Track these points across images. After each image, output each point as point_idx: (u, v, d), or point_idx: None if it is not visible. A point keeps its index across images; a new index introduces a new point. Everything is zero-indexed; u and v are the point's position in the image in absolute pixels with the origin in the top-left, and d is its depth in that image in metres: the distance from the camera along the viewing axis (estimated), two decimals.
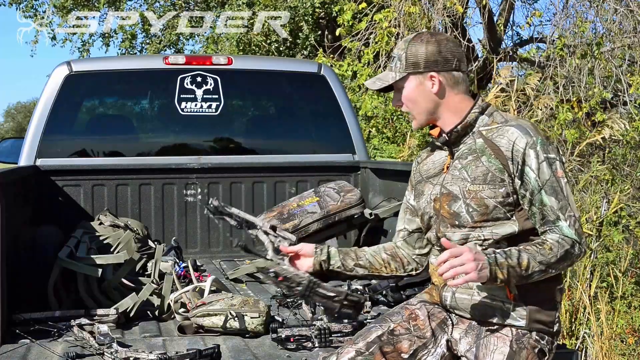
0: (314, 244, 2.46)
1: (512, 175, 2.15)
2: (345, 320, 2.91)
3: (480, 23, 8.65)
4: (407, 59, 2.23)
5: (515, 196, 2.16)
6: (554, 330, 2.21)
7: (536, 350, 2.16)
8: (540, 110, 7.22)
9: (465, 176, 2.20)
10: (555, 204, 2.13)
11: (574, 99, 7.53)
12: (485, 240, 2.17)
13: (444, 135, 2.26)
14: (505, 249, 2.10)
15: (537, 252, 2.08)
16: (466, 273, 2.01)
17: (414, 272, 2.47)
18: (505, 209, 2.16)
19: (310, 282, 2.43)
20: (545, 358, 2.19)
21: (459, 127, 2.23)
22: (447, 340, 2.27)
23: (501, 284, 2.09)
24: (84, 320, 2.86)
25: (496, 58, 8.40)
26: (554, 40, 8.01)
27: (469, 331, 2.24)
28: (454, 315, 2.29)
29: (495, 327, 2.19)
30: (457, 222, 2.21)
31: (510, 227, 2.17)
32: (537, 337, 2.17)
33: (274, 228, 2.50)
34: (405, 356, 2.25)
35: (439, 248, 2.29)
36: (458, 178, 2.22)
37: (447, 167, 2.27)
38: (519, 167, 2.14)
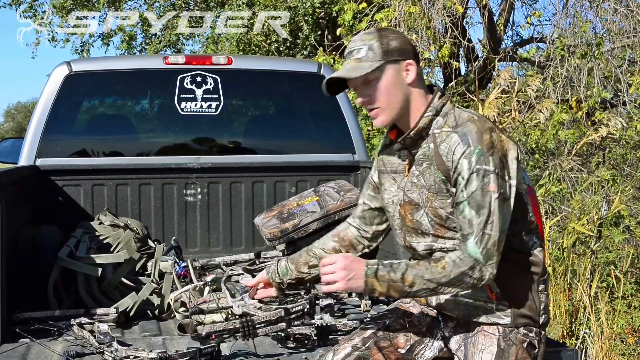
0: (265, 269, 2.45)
1: (452, 185, 2.08)
2: (345, 319, 2.91)
3: (480, 23, 8.65)
4: (381, 46, 2.10)
5: None
6: (541, 322, 2.19)
7: (525, 344, 2.15)
8: (542, 113, 7.22)
9: (423, 183, 2.13)
10: (473, 218, 2.02)
11: (574, 98, 7.53)
12: (448, 251, 2.12)
13: (398, 142, 2.17)
14: (394, 262, 2.05)
15: (426, 269, 2.02)
16: (334, 281, 2.01)
17: (366, 250, 2.42)
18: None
19: (242, 324, 2.52)
20: (536, 350, 2.17)
21: (412, 133, 2.13)
22: (443, 336, 2.28)
23: (381, 296, 2.08)
24: (84, 319, 2.86)
25: (496, 58, 8.41)
26: (554, 41, 8.01)
27: (457, 330, 2.25)
28: (442, 315, 2.29)
29: (482, 325, 2.18)
30: (420, 231, 2.16)
31: None
32: (524, 332, 2.16)
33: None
34: (403, 351, 2.26)
35: (409, 252, 2.28)
36: (416, 185, 2.15)
37: (409, 170, 2.19)
38: (454, 176, 2.05)
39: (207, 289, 3.15)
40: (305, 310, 2.60)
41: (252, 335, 2.56)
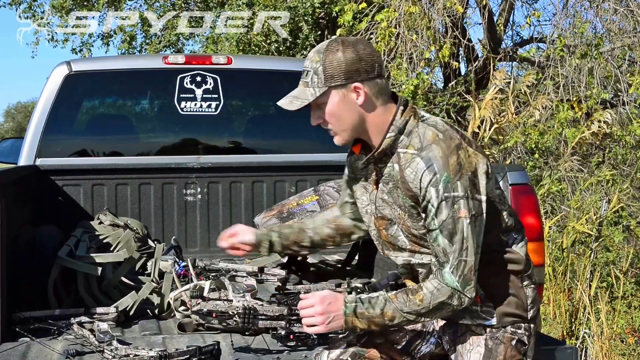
0: (253, 231, 2.38)
1: (422, 210, 2.06)
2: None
3: (480, 23, 8.65)
4: (325, 71, 2.03)
5: None
6: (529, 317, 2.18)
7: (514, 342, 2.14)
8: (538, 111, 7.22)
9: (392, 201, 2.11)
10: (447, 247, 2.00)
11: (574, 98, 7.53)
12: (426, 266, 2.12)
13: (363, 158, 2.14)
14: (373, 297, 2.04)
15: (405, 302, 2.02)
16: (315, 325, 2.02)
17: (360, 239, 2.43)
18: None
19: (245, 309, 2.52)
20: (526, 347, 2.17)
21: (375, 154, 2.10)
22: (438, 334, 2.29)
23: (362, 331, 2.09)
24: (84, 318, 2.86)
25: (496, 58, 8.41)
26: (553, 41, 8.01)
27: (446, 330, 2.25)
28: None
29: (469, 326, 2.18)
30: (396, 246, 2.16)
31: None
32: (512, 330, 2.15)
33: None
34: (399, 347, 2.26)
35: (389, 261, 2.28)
36: (387, 202, 2.13)
37: (376, 184, 2.16)
38: (423, 203, 2.03)
39: (207, 285, 3.14)
40: None
41: (251, 325, 2.57)
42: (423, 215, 2.05)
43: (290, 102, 2.10)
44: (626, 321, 5.51)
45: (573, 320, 5.45)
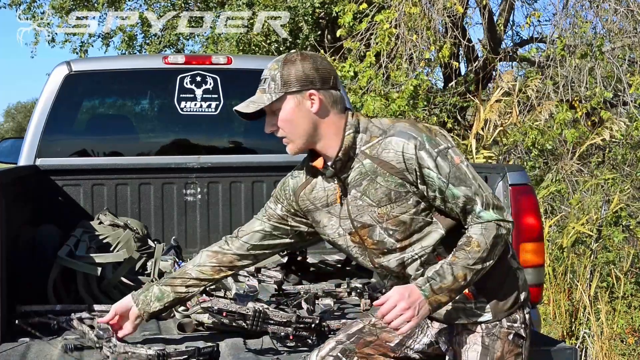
0: (127, 298, 2.48)
1: (414, 184, 2.07)
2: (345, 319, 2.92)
3: (480, 23, 8.66)
4: (282, 77, 2.10)
5: (425, 201, 2.10)
6: (522, 300, 2.18)
7: (511, 336, 2.15)
8: (544, 116, 7.22)
9: (369, 202, 2.11)
10: (467, 192, 2.06)
11: (574, 98, 7.54)
12: (420, 257, 2.13)
13: (329, 168, 2.14)
14: (438, 269, 2.04)
15: (466, 256, 2.03)
16: (408, 321, 1.99)
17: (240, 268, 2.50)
18: (421, 216, 2.10)
19: (256, 312, 2.51)
20: (523, 340, 2.17)
21: (340, 154, 2.11)
22: (431, 333, 2.29)
23: (447, 304, 2.07)
24: (84, 314, 2.86)
25: (496, 58, 8.41)
26: (554, 41, 8.01)
27: (442, 331, 2.25)
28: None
29: (465, 325, 2.18)
30: (385, 249, 2.15)
31: (437, 232, 2.12)
32: (508, 324, 2.16)
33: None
34: (391, 345, 2.27)
35: (379, 272, 2.26)
36: (363, 206, 2.13)
37: (340, 198, 2.16)
38: (418, 172, 2.06)
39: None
40: (315, 324, 2.63)
41: (259, 328, 2.58)
42: (421, 187, 2.07)
43: (246, 106, 2.16)
44: (626, 321, 5.51)
45: (573, 320, 5.46)
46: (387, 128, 2.11)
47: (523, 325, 2.17)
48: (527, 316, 2.20)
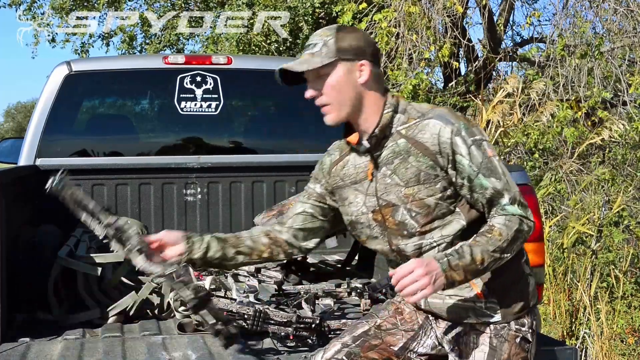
0: (179, 233, 2.29)
1: (445, 168, 2.08)
2: (345, 319, 2.91)
3: (480, 23, 8.65)
4: (336, 43, 2.09)
5: (452, 188, 2.10)
6: (531, 306, 2.18)
7: (518, 339, 2.15)
8: (545, 117, 7.22)
9: (397, 181, 2.12)
10: (495, 184, 2.07)
11: (574, 98, 7.53)
12: (438, 245, 2.12)
13: (364, 142, 2.16)
14: (457, 248, 2.03)
15: (487, 242, 2.02)
16: (422, 288, 1.96)
17: (285, 259, 2.45)
18: (446, 203, 2.10)
19: (256, 312, 2.52)
20: (530, 344, 2.17)
21: (376, 130, 2.13)
22: (436, 335, 2.28)
23: (459, 285, 2.04)
24: None
25: (496, 58, 8.41)
26: (554, 41, 8.01)
27: (449, 331, 2.23)
28: (432, 315, 2.28)
29: (473, 325, 2.18)
30: (405, 232, 2.15)
31: (458, 222, 2.11)
32: (516, 327, 2.15)
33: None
34: (395, 349, 2.26)
35: (393, 259, 2.24)
36: (391, 185, 2.13)
37: (371, 174, 2.17)
38: (450, 157, 2.07)
39: (208, 281, 3.14)
40: (316, 323, 2.63)
41: (259, 328, 2.58)
42: (451, 173, 2.08)
43: (298, 64, 2.12)
44: (626, 321, 5.51)
45: (573, 320, 5.46)
46: (426, 112, 2.13)
47: (530, 330, 2.17)
48: (534, 322, 2.20)
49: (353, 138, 2.19)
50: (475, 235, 2.06)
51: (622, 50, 7.91)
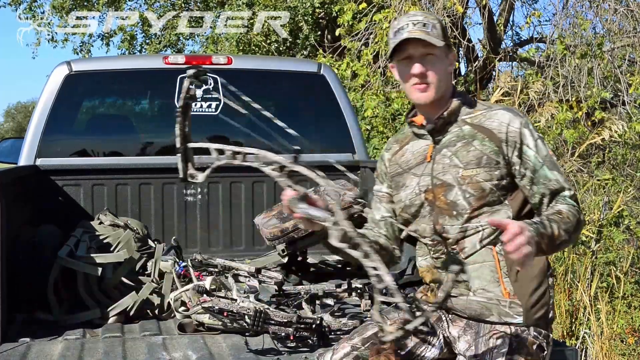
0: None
1: (507, 158, 2.15)
2: (345, 319, 2.91)
3: (480, 23, 8.65)
4: (442, 29, 2.20)
5: (508, 179, 2.15)
6: (549, 318, 2.20)
7: (535, 346, 2.15)
8: (543, 117, 7.22)
9: (457, 162, 2.18)
10: (559, 177, 2.15)
11: (574, 98, 7.53)
12: (483, 229, 2.15)
13: (429, 123, 2.23)
14: (538, 219, 2.03)
15: (561, 220, 2.05)
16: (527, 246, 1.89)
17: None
18: (499, 192, 2.15)
19: (257, 312, 2.50)
20: (544, 353, 2.18)
21: (445, 113, 2.21)
22: (445, 337, 2.27)
23: (536, 256, 1.98)
24: None
25: (496, 58, 8.41)
26: (554, 41, 8.01)
27: (467, 329, 2.22)
28: (450, 314, 2.28)
29: (493, 325, 2.17)
30: (454, 212, 2.18)
31: (505, 212, 2.15)
32: (534, 334, 2.16)
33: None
34: (403, 352, 2.25)
35: (429, 242, 2.25)
36: (449, 166, 2.19)
37: (430, 156, 2.23)
38: (517, 146, 2.15)
39: (208, 281, 3.14)
40: (316, 324, 2.62)
41: (259, 328, 2.57)
42: (514, 161, 2.15)
43: (425, 34, 2.15)
44: (626, 321, 5.50)
45: (573, 320, 5.45)
46: (491, 105, 2.25)
47: (546, 341, 2.19)
48: (550, 335, 2.22)
49: (419, 119, 2.27)
50: (548, 215, 2.07)
51: (622, 50, 7.91)
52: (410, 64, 2.18)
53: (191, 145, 2.37)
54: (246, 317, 2.63)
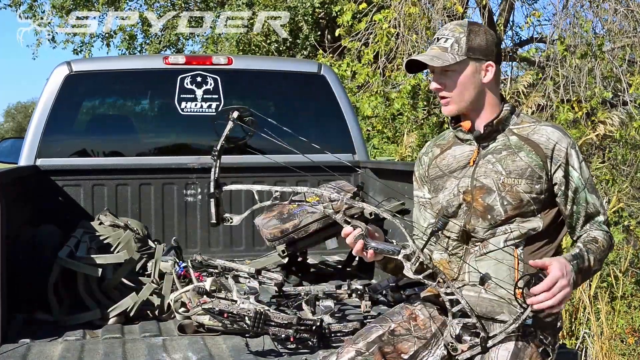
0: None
1: (549, 174, 2.17)
2: (346, 322, 2.91)
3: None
4: (467, 42, 2.18)
5: (547, 194, 2.17)
6: (557, 327, 2.21)
7: (540, 350, 2.16)
8: (530, 108, 7.22)
9: (500, 169, 2.19)
10: (596, 201, 2.19)
11: (574, 99, 7.53)
12: (512, 232, 2.17)
13: (477, 129, 2.24)
14: (578, 252, 2.09)
15: (596, 250, 2.11)
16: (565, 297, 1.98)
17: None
18: (535, 206, 2.17)
19: (257, 314, 2.50)
20: (549, 359, 2.18)
21: (494, 121, 2.22)
22: (446, 343, 2.26)
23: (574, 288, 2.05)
24: None
25: None
26: (553, 41, 8.01)
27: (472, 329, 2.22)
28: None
29: (503, 323, 2.16)
30: (489, 216, 2.19)
31: (537, 222, 2.18)
32: (541, 337, 2.17)
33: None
34: (406, 357, 2.23)
35: (455, 238, 2.25)
36: (492, 171, 2.20)
37: (474, 161, 2.24)
38: (563, 166, 2.16)
39: (208, 282, 3.14)
40: (317, 325, 2.62)
41: (260, 330, 2.57)
42: (556, 179, 2.17)
43: (431, 59, 2.19)
44: (626, 321, 5.50)
45: (573, 320, 5.45)
46: (539, 120, 2.25)
47: (551, 347, 2.20)
48: (557, 343, 2.23)
49: (466, 124, 2.27)
50: (580, 242, 2.15)
51: (622, 50, 7.91)
52: (434, 79, 2.23)
53: (232, 187, 2.44)
54: (246, 318, 2.62)
